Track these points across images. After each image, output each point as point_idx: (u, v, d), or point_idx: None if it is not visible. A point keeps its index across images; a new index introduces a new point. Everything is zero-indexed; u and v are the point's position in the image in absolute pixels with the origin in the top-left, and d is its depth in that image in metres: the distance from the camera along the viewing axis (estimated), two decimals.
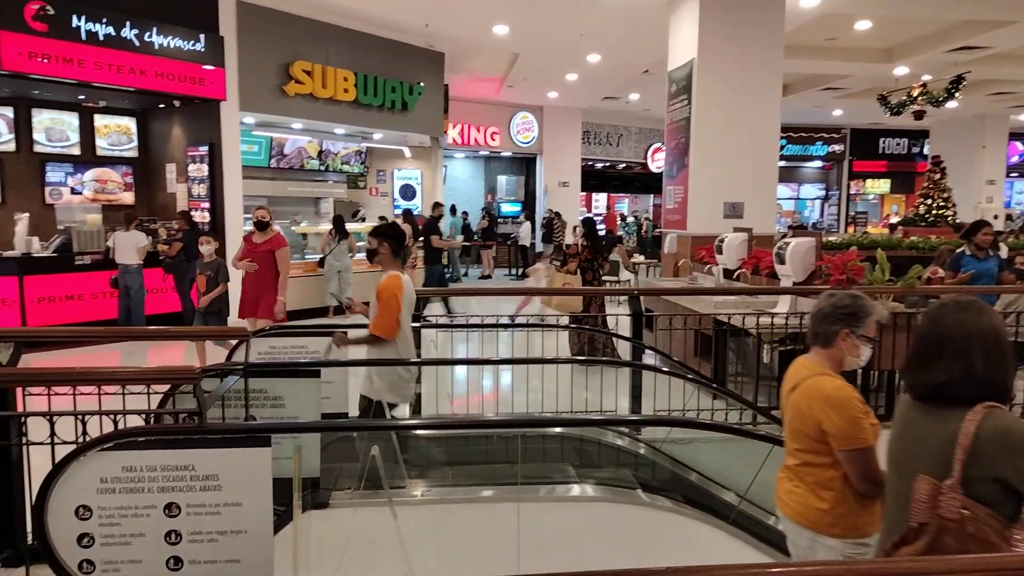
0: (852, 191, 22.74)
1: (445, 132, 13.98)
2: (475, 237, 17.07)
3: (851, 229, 21.28)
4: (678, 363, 5.71)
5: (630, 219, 21.59)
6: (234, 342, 4.17)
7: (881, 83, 14.19)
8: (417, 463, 4.20)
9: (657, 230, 15.29)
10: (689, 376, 5.08)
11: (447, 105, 13.57)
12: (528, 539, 3.14)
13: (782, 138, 20.40)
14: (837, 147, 21.84)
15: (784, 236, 7.64)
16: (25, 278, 8.16)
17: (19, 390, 3.00)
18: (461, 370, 6.19)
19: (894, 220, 16.88)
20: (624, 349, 5.57)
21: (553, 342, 5.93)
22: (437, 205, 11.20)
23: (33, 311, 8.17)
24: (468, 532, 3.54)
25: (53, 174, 10.12)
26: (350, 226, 11.42)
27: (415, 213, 13.58)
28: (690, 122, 9.25)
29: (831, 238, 11.68)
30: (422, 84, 12.18)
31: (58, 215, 9.57)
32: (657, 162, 19.77)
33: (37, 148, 9.93)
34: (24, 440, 2.68)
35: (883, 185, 22.90)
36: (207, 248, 6.89)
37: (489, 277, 16.82)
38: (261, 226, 6.67)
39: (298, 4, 10.09)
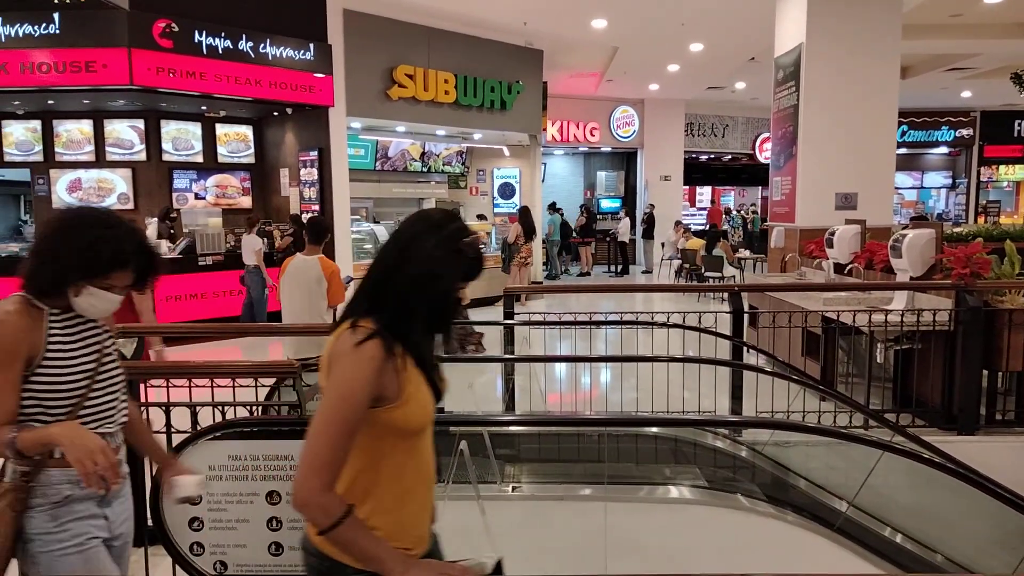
0: (983, 178, 21.05)
1: (544, 130, 14.01)
2: (574, 234, 16.99)
3: (981, 219, 19.72)
4: (783, 363, 5.49)
5: (735, 213, 20.90)
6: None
7: (1015, 61, 13.06)
8: (508, 459, 4.23)
9: (764, 224, 14.74)
10: (794, 377, 4.87)
11: (546, 102, 13.59)
12: (620, 540, 3.11)
13: (902, 124, 19.19)
14: (965, 132, 20.27)
15: (905, 228, 7.18)
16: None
17: (141, 382, 3.24)
18: (555, 367, 6.18)
19: None
20: (724, 348, 5.41)
21: (651, 340, 5.83)
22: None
23: (161, 309, 8.81)
24: (558, 530, 3.54)
25: (179, 181, 10.88)
26: None
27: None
28: (798, 110, 8.85)
29: (957, 229, 10.87)
30: (520, 82, 12.25)
31: (183, 219, 10.30)
32: (765, 152, 19.04)
33: (165, 157, 10.71)
34: None
35: (1019, 171, 21.07)
36: None
37: (588, 274, 16.72)
38: None
39: (401, 9, 10.38)
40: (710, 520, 3.76)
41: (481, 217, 14.22)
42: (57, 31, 8.07)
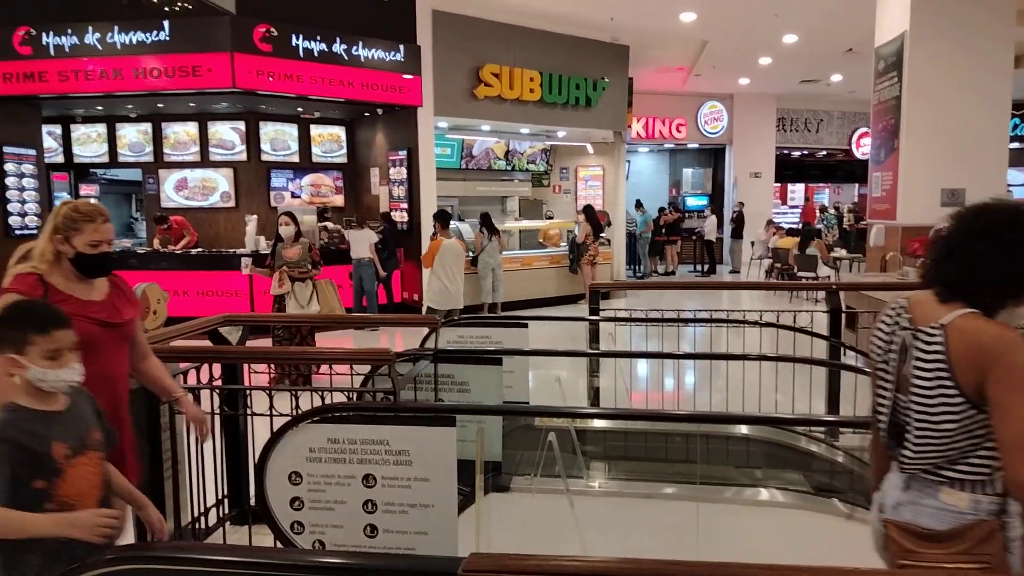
0: None
1: (628, 126, 13.85)
2: (662, 232, 16.72)
3: None
4: None
5: (830, 210, 20.07)
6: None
7: None
8: (595, 455, 4.21)
9: (862, 221, 14.10)
10: None
11: (631, 99, 13.43)
12: (708, 541, 3.05)
13: (1015, 116, 17.95)
14: None
15: None
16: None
17: (246, 367, 3.40)
18: (640, 365, 6.11)
19: None
20: (820, 350, 5.21)
21: (741, 340, 5.69)
22: None
23: (259, 301, 9.22)
24: (645, 527, 3.50)
25: (276, 180, 11.34)
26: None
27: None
28: (901, 101, 8.42)
29: None
30: (606, 79, 12.15)
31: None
32: (863, 148, 18.23)
33: (264, 157, 11.18)
34: (248, 411, 3.03)
35: None
36: None
37: (672, 273, 16.43)
38: None
39: (487, 9, 10.47)
40: (806, 524, 3.63)
41: (549, 216, 14.21)
42: (167, 38, 8.56)
